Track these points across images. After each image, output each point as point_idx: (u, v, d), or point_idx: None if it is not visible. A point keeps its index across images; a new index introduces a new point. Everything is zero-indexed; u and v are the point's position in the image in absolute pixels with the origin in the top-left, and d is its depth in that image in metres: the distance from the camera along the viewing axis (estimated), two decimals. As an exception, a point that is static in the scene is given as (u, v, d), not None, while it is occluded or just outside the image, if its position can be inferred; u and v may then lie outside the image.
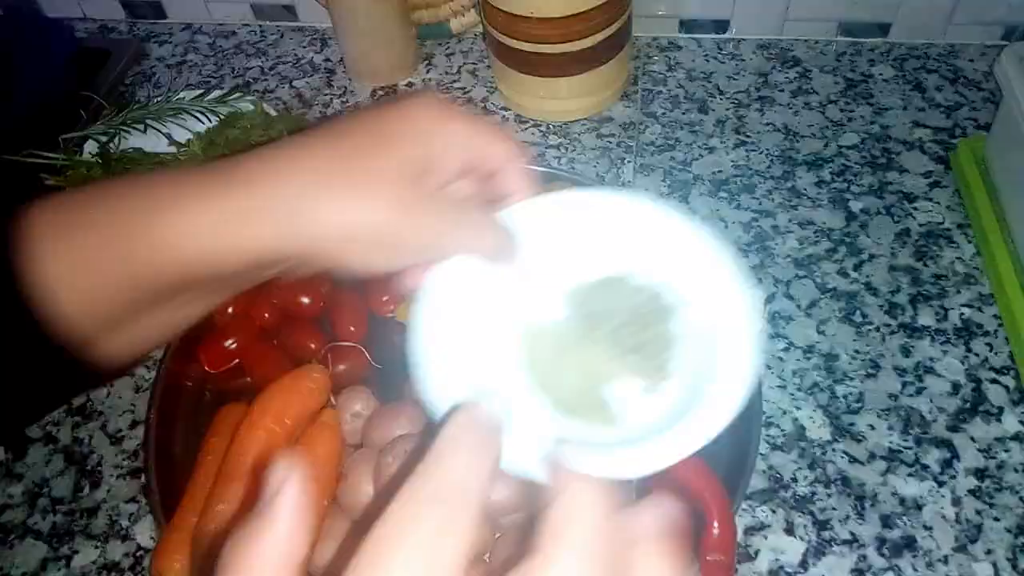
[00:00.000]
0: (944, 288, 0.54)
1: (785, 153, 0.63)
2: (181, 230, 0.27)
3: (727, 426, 0.28)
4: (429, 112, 0.30)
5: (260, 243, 0.27)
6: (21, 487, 0.49)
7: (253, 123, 0.62)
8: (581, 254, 0.34)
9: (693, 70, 0.70)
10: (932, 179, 0.60)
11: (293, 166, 0.28)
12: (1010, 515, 0.44)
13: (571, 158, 0.64)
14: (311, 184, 0.28)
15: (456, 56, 0.74)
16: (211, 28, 0.80)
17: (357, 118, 0.30)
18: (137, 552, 0.46)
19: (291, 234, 0.27)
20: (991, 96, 0.65)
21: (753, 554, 0.43)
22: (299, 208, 0.27)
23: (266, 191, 0.27)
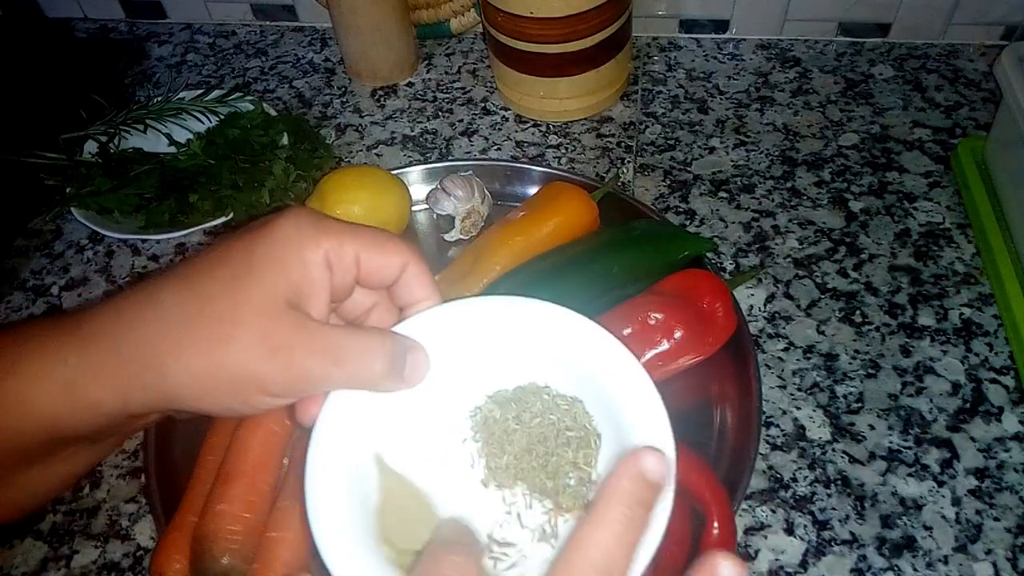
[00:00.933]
0: (944, 288, 0.54)
1: (785, 153, 0.63)
2: (33, 392, 0.26)
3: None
4: (299, 231, 0.27)
5: (115, 398, 0.26)
6: (21, 487, 0.49)
7: (253, 123, 0.62)
8: (486, 366, 0.32)
9: (693, 70, 0.70)
10: (932, 179, 0.60)
11: (144, 316, 0.26)
12: (1010, 515, 0.44)
13: (571, 158, 0.64)
14: (161, 335, 0.26)
15: (456, 56, 0.74)
16: (211, 28, 0.80)
17: (220, 248, 0.28)
18: (137, 552, 0.46)
19: (145, 387, 0.26)
20: (991, 96, 0.65)
21: (753, 554, 0.43)
22: (148, 360, 0.26)
23: (114, 345, 0.26)
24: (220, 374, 0.26)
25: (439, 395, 0.31)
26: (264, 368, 0.26)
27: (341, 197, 0.54)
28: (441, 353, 0.30)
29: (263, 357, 0.26)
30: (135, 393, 0.26)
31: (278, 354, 0.26)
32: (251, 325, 0.26)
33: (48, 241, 0.63)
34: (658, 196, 0.61)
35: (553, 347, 0.31)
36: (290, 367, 0.26)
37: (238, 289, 0.26)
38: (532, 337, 0.31)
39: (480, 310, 0.31)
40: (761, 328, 0.53)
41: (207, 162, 0.60)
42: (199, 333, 0.26)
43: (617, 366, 0.30)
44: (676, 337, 0.46)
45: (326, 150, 0.64)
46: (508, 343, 0.31)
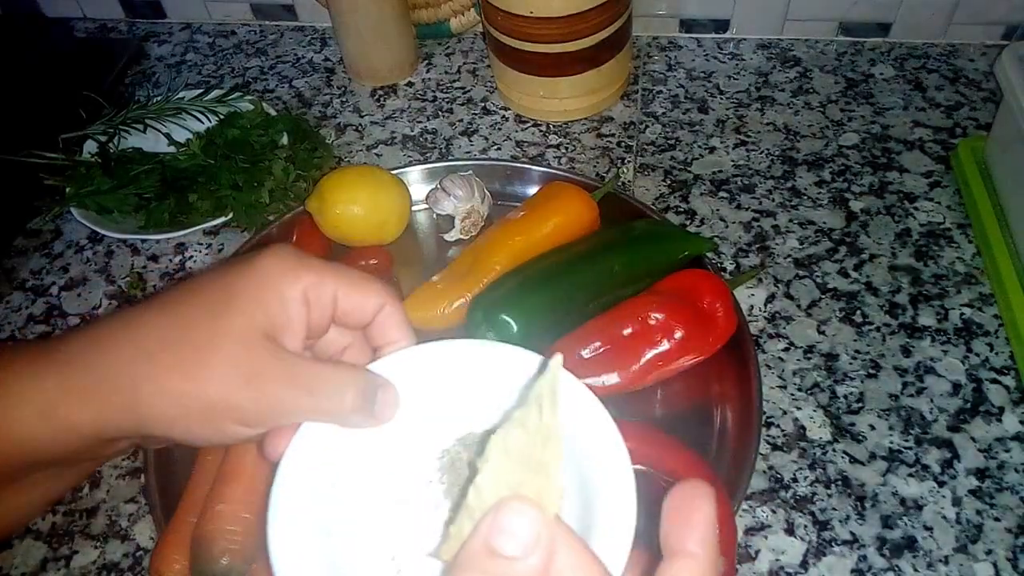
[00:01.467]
0: (945, 288, 0.54)
1: (785, 153, 0.63)
2: (11, 415, 0.26)
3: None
4: (279, 267, 0.28)
5: (91, 421, 0.26)
6: (20, 487, 0.49)
7: (253, 123, 0.62)
8: (458, 408, 0.31)
9: (693, 70, 0.70)
10: (932, 179, 0.60)
11: (120, 340, 0.26)
12: (1011, 515, 0.44)
13: (571, 158, 0.64)
14: (137, 360, 0.26)
15: (456, 56, 0.74)
16: (211, 27, 0.80)
17: (200, 280, 0.28)
18: (136, 552, 0.46)
19: (120, 410, 0.26)
20: (991, 96, 0.65)
21: (753, 554, 0.43)
22: (124, 384, 0.26)
23: (91, 368, 0.26)
24: (194, 401, 0.26)
25: (408, 436, 0.31)
26: (238, 396, 0.26)
27: (341, 197, 0.54)
28: (412, 393, 0.30)
29: (237, 385, 0.26)
30: (110, 417, 0.26)
31: (252, 382, 0.26)
32: (227, 354, 0.26)
33: (47, 241, 0.63)
34: (658, 196, 0.61)
35: (524, 391, 0.31)
36: (263, 396, 0.27)
37: (216, 318, 0.27)
38: (503, 382, 0.31)
39: (454, 353, 0.31)
40: (761, 328, 0.53)
41: (207, 162, 0.60)
42: (175, 359, 0.26)
43: (584, 417, 0.30)
44: (676, 337, 0.45)
45: (326, 150, 0.64)
46: (479, 387, 0.31)
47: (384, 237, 0.56)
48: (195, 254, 0.60)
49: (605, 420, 0.29)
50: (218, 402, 0.26)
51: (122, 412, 0.26)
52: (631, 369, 0.46)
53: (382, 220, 0.55)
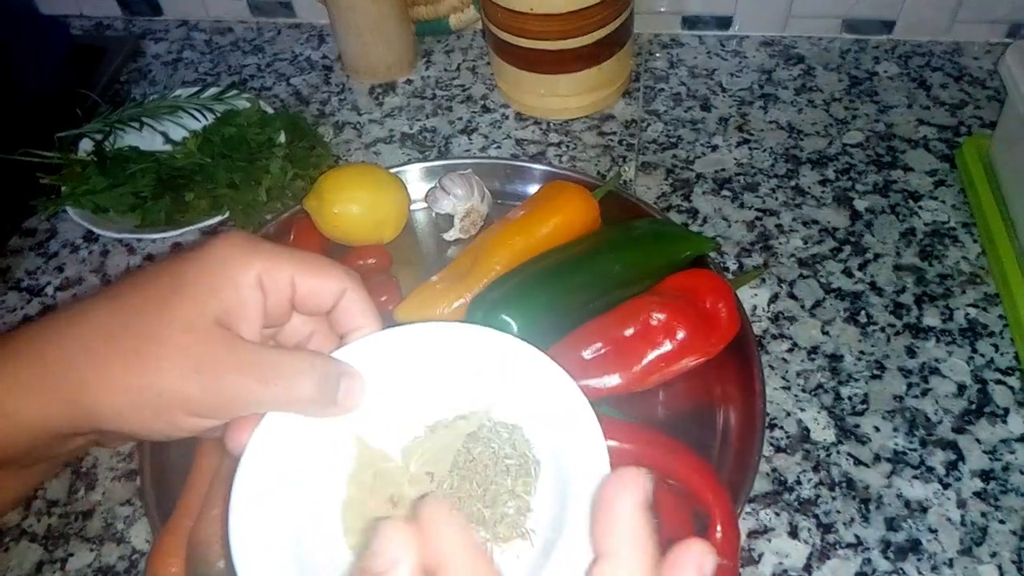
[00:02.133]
0: (949, 288, 0.53)
1: (789, 151, 0.62)
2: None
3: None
4: (231, 252, 0.27)
5: (37, 414, 0.25)
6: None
7: (250, 121, 0.61)
8: (426, 394, 0.31)
9: (696, 67, 0.70)
10: (937, 177, 0.60)
11: (67, 333, 0.26)
12: (1016, 518, 0.43)
13: (572, 156, 0.63)
14: (85, 351, 0.25)
15: (455, 53, 0.73)
16: (207, 25, 0.79)
17: (150, 270, 0.28)
18: (132, 555, 0.45)
19: (67, 403, 0.25)
20: (996, 94, 0.65)
21: (757, 557, 0.43)
22: (70, 375, 0.25)
23: (38, 360, 0.25)
24: (143, 393, 0.25)
25: (376, 423, 0.30)
26: (188, 386, 0.25)
27: (339, 196, 0.53)
28: (380, 380, 0.30)
29: (187, 375, 0.25)
30: (59, 411, 0.25)
31: (202, 371, 0.25)
32: (177, 342, 0.25)
33: (43, 240, 0.62)
34: (660, 195, 0.60)
35: (494, 374, 0.30)
36: (214, 385, 0.26)
37: (164, 307, 0.26)
38: (473, 364, 0.30)
39: (421, 337, 0.31)
40: (765, 329, 0.52)
41: (203, 160, 0.59)
42: (122, 349, 0.25)
43: (556, 392, 0.29)
44: (678, 338, 0.45)
45: (324, 148, 0.64)
46: (449, 370, 0.31)
47: (383, 236, 0.56)
48: (192, 253, 0.60)
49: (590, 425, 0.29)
50: (169, 394, 0.25)
51: (71, 407, 0.25)
52: (632, 370, 0.45)
53: (381, 219, 0.54)
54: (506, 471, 0.29)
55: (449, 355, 0.31)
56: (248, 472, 0.27)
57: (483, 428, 0.31)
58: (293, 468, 0.28)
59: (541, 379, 0.30)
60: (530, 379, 0.30)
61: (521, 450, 0.30)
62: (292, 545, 0.27)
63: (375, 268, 0.54)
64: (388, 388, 0.30)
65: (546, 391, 0.30)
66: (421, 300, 0.51)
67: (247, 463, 0.27)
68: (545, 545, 0.28)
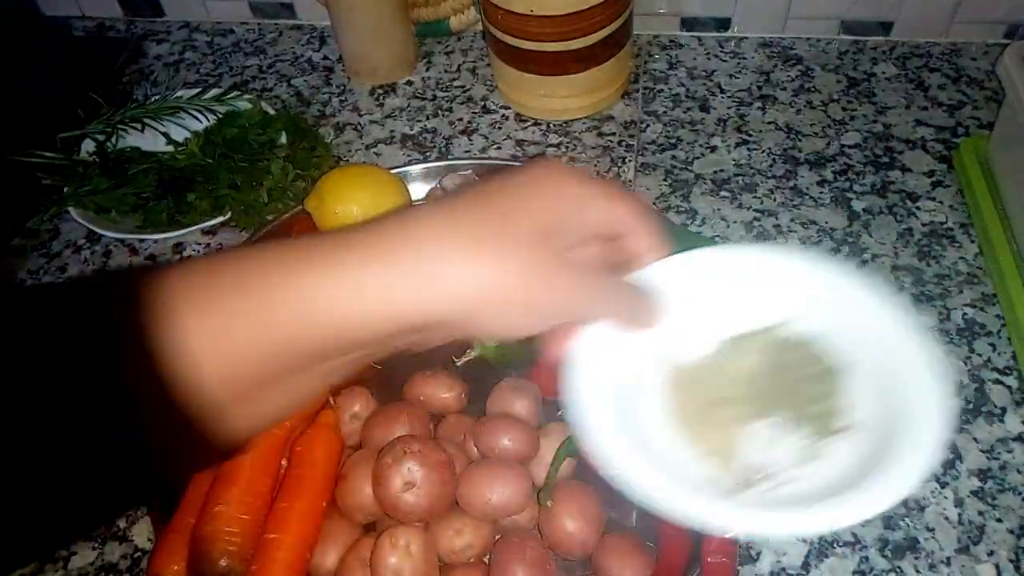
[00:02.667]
0: (947, 288, 0.53)
1: (787, 152, 0.63)
2: (324, 296, 0.27)
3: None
4: (557, 177, 0.31)
5: (398, 310, 0.27)
6: (18, 488, 0.48)
7: (251, 122, 0.62)
8: (726, 309, 0.34)
9: (694, 68, 0.70)
10: (935, 178, 0.60)
11: (430, 233, 0.28)
12: (1013, 516, 0.43)
13: (572, 157, 0.64)
14: (448, 250, 0.28)
15: (455, 54, 0.73)
16: (209, 26, 0.79)
17: (487, 187, 0.31)
18: (135, 554, 0.45)
19: (428, 300, 0.28)
20: (994, 95, 0.65)
21: (755, 556, 0.43)
22: (436, 274, 0.28)
23: (394, 257, 0.28)
24: (494, 292, 0.28)
25: (683, 335, 0.33)
26: (532, 291, 0.29)
27: (340, 196, 0.54)
28: (683, 297, 0.33)
29: (532, 281, 0.29)
30: (420, 305, 0.28)
31: (547, 280, 0.29)
32: (524, 250, 0.29)
33: (45, 240, 0.62)
34: (659, 195, 0.60)
35: (793, 288, 0.34)
36: (550, 295, 0.29)
37: (511, 220, 0.29)
38: (772, 280, 0.34)
39: (716, 258, 0.35)
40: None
41: (205, 161, 0.59)
42: (484, 251, 0.28)
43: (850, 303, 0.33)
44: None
45: (325, 149, 0.64)
46: (754, 286, 0.34)
47: (383, 237, 0.56)
48: (193, 254, 0.60)
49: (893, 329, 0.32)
50: (518, 290, 0.29)
51: (429, 301, 0.28)
52: (632, 370, 0.46)
53: (381, 220, 0.55)
54: (812, 376, 0.33)
55: (751, 271, 0.35)
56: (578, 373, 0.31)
57: (787, 339, 0.34)
58: (615, 373, 0.32)
59: (833, 292, 0.33)
60: (823, 292, 0.34)
61: (822, 358, 0.33)
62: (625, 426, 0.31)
63: (376, 268, 0.55)
64: (691, 304, 0.33)
65: (840, 304, 0.33)
66: (421, 300, 0.51)
67: (576, 367, 0.31)
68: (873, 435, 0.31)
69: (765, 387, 0.33)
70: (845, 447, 0.31)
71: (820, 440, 0.32)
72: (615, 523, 0.44)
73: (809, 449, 0.32)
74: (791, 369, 0.34)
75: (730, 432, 0.33)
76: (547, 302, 0.29)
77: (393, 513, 0.40)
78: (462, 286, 0.28)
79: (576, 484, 0.42)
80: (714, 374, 0.34)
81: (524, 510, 0.41)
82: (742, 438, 0.33)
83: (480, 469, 0.41)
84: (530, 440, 0.43)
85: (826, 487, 0.30)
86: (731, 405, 0.33)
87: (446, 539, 0.40)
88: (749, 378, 0.34)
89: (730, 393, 0.33)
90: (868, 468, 0.29)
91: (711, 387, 0.34)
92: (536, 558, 0.39)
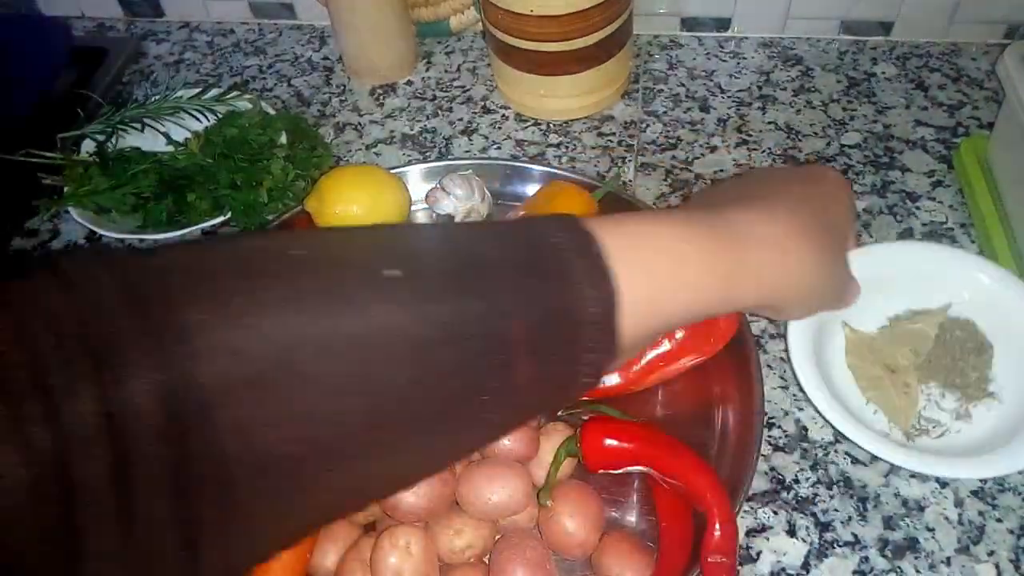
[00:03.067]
0: (947, 288, 0.53)
1: (787, 152, 0.63)
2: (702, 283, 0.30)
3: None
4: (836, 181, 0.38)
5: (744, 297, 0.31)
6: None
7: (251, 122, 0.62)
8: (894, 294, 0.45)
9: (694, 68, 0.70)
10: (935, 178, 0.60)
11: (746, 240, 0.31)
12: (1013, 516, 0.43)
13: (571, 157, 0.64)
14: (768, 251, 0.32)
15: (455, 54, 0.74)
16: (209, 26, 0.79)
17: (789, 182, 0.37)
18: (135, 554, 0.45)
19: (765, 290, 0.31)
20: (994, 95, 0.65)
21: (755, 556, 0.43)
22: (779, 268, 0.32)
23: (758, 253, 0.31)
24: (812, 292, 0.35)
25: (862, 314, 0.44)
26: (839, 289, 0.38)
27: (340, 196, 0.54)
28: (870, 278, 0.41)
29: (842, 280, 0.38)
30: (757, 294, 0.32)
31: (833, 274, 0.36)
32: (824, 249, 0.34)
33: (45, 240, 0.62)
34: (659, 195, 0.60)
35: (949, 279, 0.45)
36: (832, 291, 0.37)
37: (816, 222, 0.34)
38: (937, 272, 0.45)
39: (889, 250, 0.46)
40: (763, 328, 0.52)
41: (205, 161, 0.59)
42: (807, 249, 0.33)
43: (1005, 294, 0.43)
44: (677, 337, 0.45)
45: (325, 149, 0.64)
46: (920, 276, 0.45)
47: (383, 237, 0.56)
48: (194, 254, 0.60)
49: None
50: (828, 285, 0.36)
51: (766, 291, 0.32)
52: (632, 369, 0.46)
53: (381, 220, 0.55)
54: (968, 351, 0.43)
55: (919, 265, 0.45)
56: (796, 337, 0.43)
57: (948, 320, 0.44)
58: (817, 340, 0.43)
59: (989, 283, 0.44)
60: (978, 282, 0.44)
61: (978, 338, 0.44)
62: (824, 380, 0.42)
63: (376, 268, 0.55)
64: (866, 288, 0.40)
65: (994, 291, 0.43)
66: (421, 300, 0.52)
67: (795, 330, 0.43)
68: (1012, 403, 0.42)
69: (932, 357, 0.44)
70: (990, 413, 0.42)
71: (971, 403, 0.43)
72: (615, 523, 0.44)
73: (961, 411, 0.43)
74: (953, 344, 0.43)
75: (900, 392, 0.43)
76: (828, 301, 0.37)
77: (393, 513, 0.40)
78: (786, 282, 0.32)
79: (576, 484, 0.42)
80: (889, 343, 0.45)
81: (524, 510, 0.41)
82: (910, 398, 0.43)
83: (480, 469, 0.41)
84: (530, 440, 0.43)
85: (972, 444, 0.41)
86: (903, 371, 0.43)
87: (446, 539, 0.40)
88: (918, 348, 0.44)
89: (902, 360, 0.44)
90: (1007, 434, 0.40)
91: (886, 353, 0.44)
92: (536, 558, 0.39)
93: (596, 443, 0.41)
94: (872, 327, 0.46)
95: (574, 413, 0.47)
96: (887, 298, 0.45)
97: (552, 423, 0.45)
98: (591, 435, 0.42)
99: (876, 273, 0.42)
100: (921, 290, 0.45)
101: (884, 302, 0.45)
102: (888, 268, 0.44)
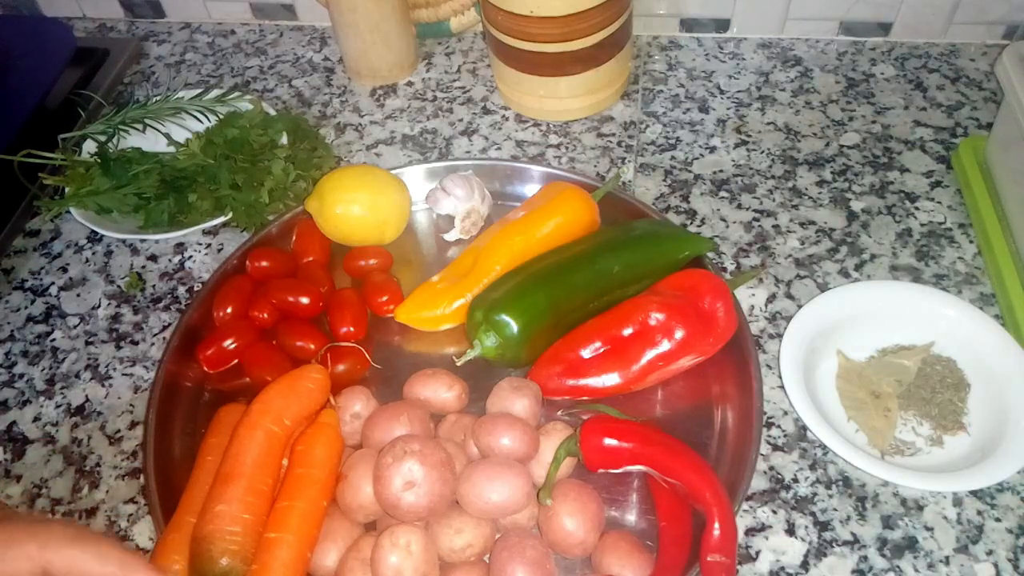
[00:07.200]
0: (946, 288, 0.53)
1: (786, 152, 0.63)
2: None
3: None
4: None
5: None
6: (20, 488, 0.49)
7: (252, 122, 0.62)
8: (883, 329, 0.49)
9: (694, 69, 0.70)
10: (933, 179, 0.60)
11: None
12: (1011, 515, 0.43)
13: (571, 157, 0.64)
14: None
15: (456, 55, 0.74)
16: (210, 27, 0.79)
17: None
18: (136, 553, 0.46)
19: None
20: (992, 95, 0.65)
21: (754, 555, 0.43)
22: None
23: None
24: None
25: (853, 343, 0.49)
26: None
27: (340, 197, 0.54)
28: (856, 316, 0.49)
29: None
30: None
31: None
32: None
33: (47, 241, 0.63)
34: (659, 196, 0.61)
35: (935, 319, 0.49)
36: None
37: None
38: (927, 312, 0.49)
39: (880, 290, 0.50)
40: (762, 328, 0.52)
41: (206, 162, 0.59)
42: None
43: (984, 335, 0.47)
44: (677, 337, 0.45)
45: (325, 150, 0.64)
46: (905, 315, 0.49)
47: (384, 237, 0.56)
48: (194, 254, 0.60)
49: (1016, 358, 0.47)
50: None
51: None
52: (631, 369, 0.46)
53: (382, 220, 0.55)
54: (947, 386, 0.47)
55: (900, 303, 0.49)
56: (788, 351, 0.47)
57: (930, 356, 0.48)
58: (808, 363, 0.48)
59: (971, 326, 0.48)
60: (962, 325, 0.48)
61: (957, 375, 0.48)
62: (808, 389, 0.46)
63: (376, 268, 0.55)
64: (860, 321, 0.47)
65: (975, 335, 0.47)
66: (421, 300, 0.52)
67: (790, 335, 0.48)
68: (980, 437, 0.45)
69: (912, 388, 0.47)
70: (960, 443, 0.45)
71: (944, 433, 0.46)
72: (615, 523, 0.44)
73: (934, 438, 0.46)
74: (932, 378, 0.47)
75: (881, 415, 0.46)
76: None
77: (393, 512, 0.40)
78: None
79: (576, 483, 0.42)
80: (876, 372, 0.48)
81: (524, 509, 0.41)
82: (889, 421, 0.46)
83: (480, 468, 0.41)
84: (530, 440, 0.43)
85: (941, 465, 0.44)
86: (885, 397, 0.47)
87: (446, 538, 0.40)
88: (902, 379, 0.47)
89: (886, 388, 0.47)
90: (974, 459, 0.43)
91: (872, 380, 0.48)
92: (536, 557, 0.39)
93: (596, 442, 0.42)
94: (863, 356, 0.49)
95: (574, 413, 0.47)
96: (878, 331, 0.49)
97: (552, 423, 0.45)
98: (591, 434, 0.42)
99: (871, 308, 0.49)
100: (910, 327, 0.49)
101: (875, 335, 0.49)
102: (882, 304, 0.49)
